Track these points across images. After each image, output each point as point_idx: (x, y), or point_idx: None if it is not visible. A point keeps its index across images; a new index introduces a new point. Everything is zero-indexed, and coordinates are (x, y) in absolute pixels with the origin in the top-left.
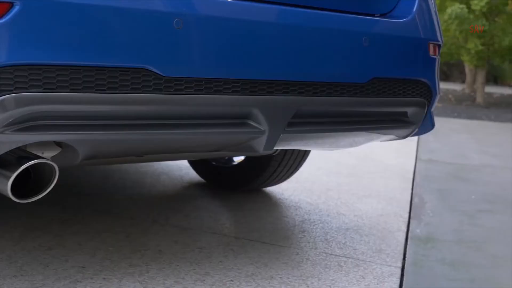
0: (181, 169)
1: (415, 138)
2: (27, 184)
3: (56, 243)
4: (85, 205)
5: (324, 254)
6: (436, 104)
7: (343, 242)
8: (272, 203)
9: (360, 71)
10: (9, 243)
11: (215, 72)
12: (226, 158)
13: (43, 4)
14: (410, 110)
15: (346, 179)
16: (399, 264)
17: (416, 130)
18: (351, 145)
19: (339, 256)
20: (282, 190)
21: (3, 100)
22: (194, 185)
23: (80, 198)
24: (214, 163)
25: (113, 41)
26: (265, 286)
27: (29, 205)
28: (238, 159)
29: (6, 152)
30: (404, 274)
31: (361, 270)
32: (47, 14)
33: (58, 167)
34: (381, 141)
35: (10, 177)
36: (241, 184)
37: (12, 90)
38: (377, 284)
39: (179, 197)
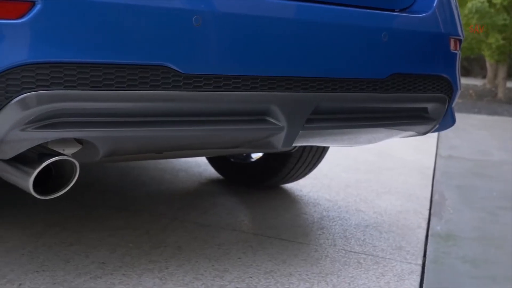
0: (200, 165)
1: (435, 134)
2: (48, 180)
3: (76, 239)
4: (105, 201)
5: (343, 251)
6: (457, 100)
7: (362, 239)
8: (291, 199)
9: (380, 66)
10: (31, 239)
11: (233, 68)
12: (244, 154)
13: (64, 2)
14: (430, 106)
15: (365, 176)
16: (420, 262)
17: (437, 126)
18: (370, 142)
19: (359, 253)
20: (300, 186)
21: (24, 98)
22: (212, 182)
23: (99, 195)
24: (232, 159)
25: (132, 39)
26: (283, 283)
27: (50, 202)
28: (256, 155)
29: (28, 149)
30: (425, 271)
31: (381, 267)
32: (67, 12)
33: (79, 164)
34: (400, 137)
35: (32, 173)
36: (260, 181)
37: (33, 88)
38: (397, 281)
39: (198, 193)
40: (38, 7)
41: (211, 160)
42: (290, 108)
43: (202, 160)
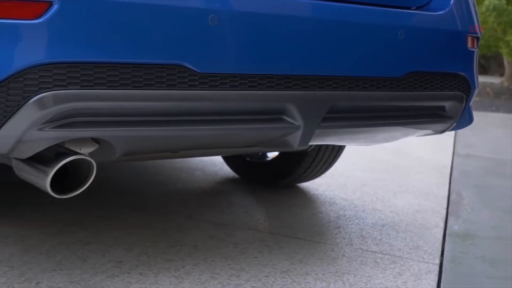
0: (215, 164)
1: (452, 132)
2: (65, 180)
3: (93, 238)
4: (121, 200)
5: (360, 250)
6: (474, 98)
7: (379, 238)
8: (307, 198)
9: (396, 65)
10: (48, 238)
11: (249, 67)
12: (260, 153)
13: (81, 3)
14: (447, 104)
15: (381, 175)
16: (437, 261)
17: (454, 124)
18: (387, 140)
19: (375, 252)
20: (316, 185)
21: (42, 97)
22: (228, 181)
23: (115, 194)
24: (248, 158)
25: (149, 39)
26: (300, 282)
27: (67, 201)
28: (272, 154)
29: (45, 149)
30: (442, 271)
31: (398, 266)
32: (84, 12)
33: (96, 163)
34: (417, 136)
35: (49, 173)
36: (275, 180)
37: (50, 88)
38: (415, 281)
39: (214, 192)
40: (55, 7)
41: (227, 159)
42: (306, 107)
43: (218, 159)
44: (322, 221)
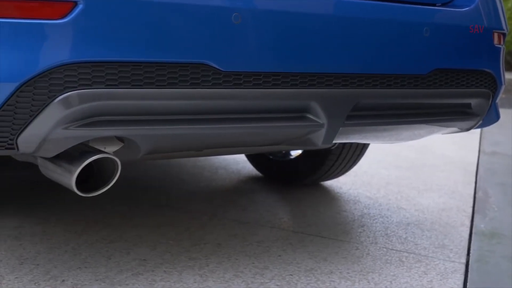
0: (238, 163)
1: (478, 130)
2: (90, 178)
3: (117, 236)
4: (145, 199)
5: (384, 249)
6: (501, 95)
7: (404, 237)
8: (330, 197)
9: (421, 62)
10: (73, 236)
11: (273, 65)
12: (283, 152)
13: (105, 2)
14: (473, 102)
15: (406, 173)
16: (463, 260)
17: (480, 122)
18: (411, 138)
19: (400, 251)
20: (340, 184)
21: (67, 96)
22: (251, 179)
23: (139, 192)
24: (271, 157)
25: (173, 38)
26: (324, 281)
27: (92, 199)
28: (295, 153)
29: (70, 147)
30: (469, 270)
31: (424, 265)
32: (109, 12)
33: (120, 162)
34: (443, 133)
35: (74, 171)
36: (299, 178)
37: (76, 87)
38: (440, 280)
39: (237, 191)
40: (80, 7)
41: (250, 158)
42: (330, 104)
43: (241, 157)
44: (346, 220)
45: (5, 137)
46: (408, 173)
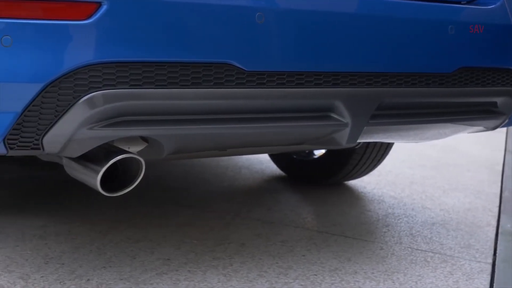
0: (262, 162)
1: (504, 129)
2: (115, 178)
3: (142, 236)
4: (168, 198)
5: (409, 249)
6: None
7: (429, 236)
8: (355, 196)
9: (446, 60)
10: (98, 236)
11: (297, 65)
12: (307, 151)
13: (129, 3)
14: (500, 100)
15: (430, 172)
16: (490, 261)
17: (506, 120)
18: (436, 137)
19: (426, 251)
20: (364, 183)
21: (92, 97)
22: (274, 179)
23: (163, 192)
24: (295, 156)
25: (196, 37)
26: (349, 281)
27: (116, 199)
28: (319, 152)
29: (95, 147)
30: (495, 270)
31: (449, 266)
32: (133, 12)
33: (144, 161)
34: (468, 132)
35: (99, 171)
36: (323, 178)
37: (100, 87)
38: (466, 280)
39: (260, 190)
40: (104, 7)
41: (273, 157)
42: (354, 104)
43: (264, 157)
44: (370, 219)
45: (31, 137)
46: (433, 172)
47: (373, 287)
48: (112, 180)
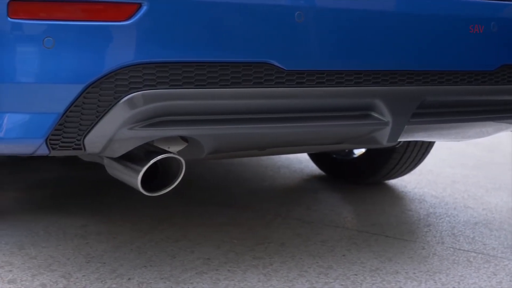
0: (301, 162)
1: None
2: (155, 177)
3: (182, 235)
4: (208, 198)
5: (451, 249)
6: None
7: (471, 236)
8: (395, 196)
9: (488, 58)
10: (139, 235)
11: (336, 64)
12: (347, 150)
13: (169, 3)
14: None
15: (472, 171)
16: None
17: None
18: (478, 136)
19: (468, 251)
20: (405, 183)
21: (132, 97)
22: (314, 178)
23: (203, 191)
24: (334, 155)
25: (236, 37)
26: (390, 281)
27: (157, 198)
28: (358, 151)
29: (135, 147)
30: None
31: (492, 266)
32: (172, 13)
33: (184, 161)
34: (511, 131)
35: (140, 171)
36: (362, 177)
37: (140, 88)
38: (510, 281)
39: (300, 190)
40: (144, 8)
41: (313, 157)
42: (395, 102)
43: (304, 156)
44: (411, 219)
45: (73, 138)
46: (475, 171)
47: (415, 287)
48: (152, 179)
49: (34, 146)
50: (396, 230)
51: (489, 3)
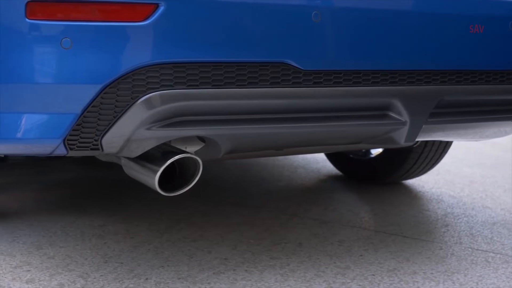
0: (318, 162)
1: None
2: (172, 178)
3: (199, 235)
4: (225, 198)
5: (469, 249)
6: None
7: (489, 236)
8: (412, 196)
9: (507, 57)
10: (156, 235)
11: (353, 63)
12: (364, 150)
13: (186, 3)
14: None
15: (490, 171)
16: None
17: None
18: (496, 136)
19: (486, 251)
20: (422, 182)
21: (149, 97)
22: (331, 178)
23: (221, 191)
24: (351, 155)
25: (253, 37)
26: (407, 281)
27: (174, 198)
28: (376, 151)
29: (153, 147)
30: None
31: (511, 266)
32: (189, 13)
33: (201, 161)
34: None
35: (157, 171)
36: (379, 177)
37: (158, 88)
38: None
39: (317, 190)
40: (161, 8)
41: (329, 157)
42: (412, 102)
43: (321, 156)
44: (429, 219)
45: (90, 138)
46: (493, 171)
47: (433, 287)
48: (169, 179)
49: (52, 147)
50: (414, 230)
51: (507, 2)
